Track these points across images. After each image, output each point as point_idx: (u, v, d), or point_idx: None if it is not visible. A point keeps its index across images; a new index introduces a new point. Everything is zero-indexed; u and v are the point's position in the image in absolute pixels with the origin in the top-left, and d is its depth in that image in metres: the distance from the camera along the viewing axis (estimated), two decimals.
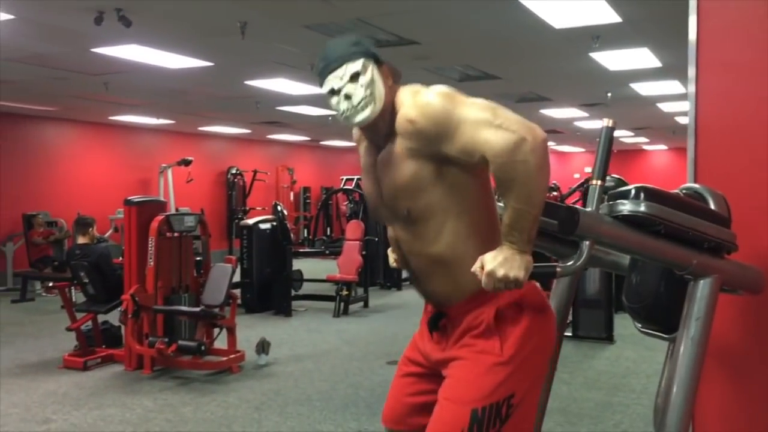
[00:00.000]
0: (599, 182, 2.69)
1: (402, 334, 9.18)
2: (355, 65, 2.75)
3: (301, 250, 14.61)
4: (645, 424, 5.70)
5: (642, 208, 2.76)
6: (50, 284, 13.06)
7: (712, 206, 3.04)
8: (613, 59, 10.20)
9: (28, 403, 6.48)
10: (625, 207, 2.78)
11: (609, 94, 13.68)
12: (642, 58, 10.10)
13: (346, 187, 16.03)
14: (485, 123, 2.56)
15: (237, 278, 9.52)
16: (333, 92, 2.80)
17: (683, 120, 18.18)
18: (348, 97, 2.75)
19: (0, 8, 7.34)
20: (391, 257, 3.31)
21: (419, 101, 2.68)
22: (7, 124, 15.32)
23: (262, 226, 11.72)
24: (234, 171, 21.23)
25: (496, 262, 2.53)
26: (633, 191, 2.81)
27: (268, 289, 11.43)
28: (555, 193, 14.23)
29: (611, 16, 7.74)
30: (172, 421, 5.94)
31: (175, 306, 7.69)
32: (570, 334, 8.70)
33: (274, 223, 11.75)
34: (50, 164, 16.35)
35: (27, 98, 13.58)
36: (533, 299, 2.76)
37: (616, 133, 2.67)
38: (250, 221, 11.97)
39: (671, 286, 3.07)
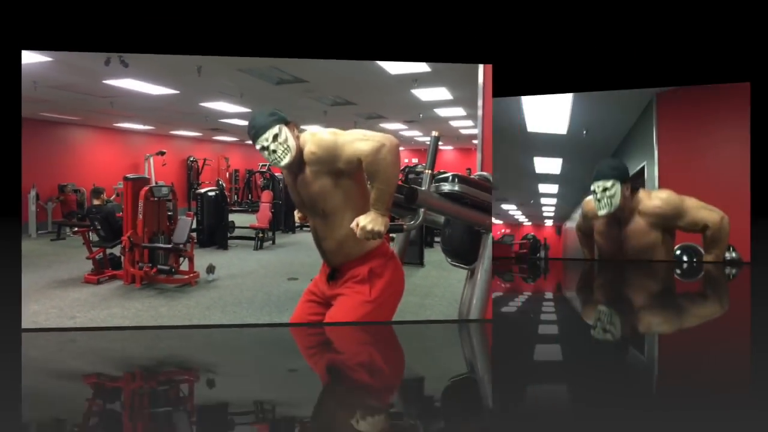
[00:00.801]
0: (430, 171, 2.75)
1: (297, 261, 9.04)
2: (274, 130, 2.75)
3: (234, 209, 14.19)
4: (446, 317, 5.80)
5: (456, 188, 2.83)
6: (75, 229, 12.38)
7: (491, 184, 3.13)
8: (425, 94, 10.26)
9: (62, 305, 6.18)
10: (446, 187, 2.85)
11: (420, 115, 13.79)
12: (441, 93, 10.20)
13: (261, 170, 15.61)
14: (358, 139, 2.60)
15: (194, 226, 9.21)
16: (264, 148, 2.79)
17: (465, 131, 18.46)
18: (273, 151, 2.75)
19: (43, 54, 6.85)
20: (297, 215, 3.29)
21: (316, 139, 2.71)
22: (44, 129, 14.29)
23: (210, 193, 11.24)
24: (191, 159, 20.37)
25: (367, 220, 2.59)
26: (450, 177, 2.88)
27: (213, 233, 11.12)
28: None
29: (425, 68, 7.80)
30: (154, 316, 5.80)
31: (156, 244, 7.43)
32: None
33: (217, 192, 11.41)
34: (75, 152, 15.38)
35: (57, 111, 12.69)
36: (394, 263, 2.80)
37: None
38: (202, 191, 11.57)
39: (470, 236, 3.16)
